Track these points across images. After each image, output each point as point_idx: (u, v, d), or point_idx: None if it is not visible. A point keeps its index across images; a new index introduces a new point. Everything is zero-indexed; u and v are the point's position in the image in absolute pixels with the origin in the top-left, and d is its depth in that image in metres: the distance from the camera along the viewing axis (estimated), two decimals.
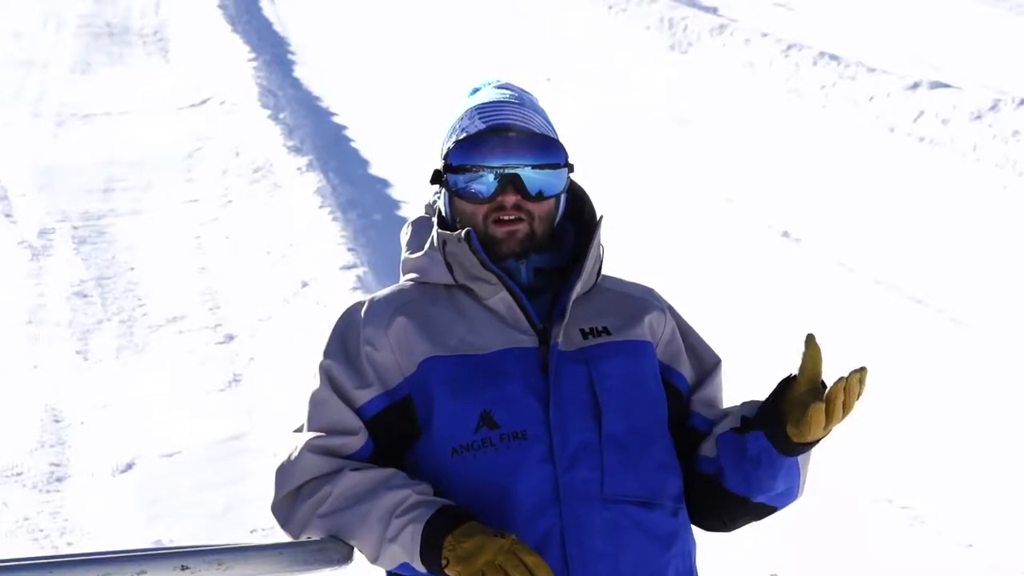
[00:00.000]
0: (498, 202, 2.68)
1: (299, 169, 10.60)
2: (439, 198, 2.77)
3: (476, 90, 2.83)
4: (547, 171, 2.69)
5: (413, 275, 2.75)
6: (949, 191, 9.96)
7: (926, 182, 10.19)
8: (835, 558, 5.27)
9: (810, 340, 2.62)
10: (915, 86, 11.88)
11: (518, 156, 2.67)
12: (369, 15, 17.50)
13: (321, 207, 9.55)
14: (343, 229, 9.01)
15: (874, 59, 13.22)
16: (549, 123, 2.78)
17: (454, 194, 2.70)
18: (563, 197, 2.75)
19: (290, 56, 15.83)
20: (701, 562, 2.72)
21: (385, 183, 10.63)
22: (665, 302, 2.81)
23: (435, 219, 2.75)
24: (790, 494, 2.70)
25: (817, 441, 2.59)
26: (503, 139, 2.68)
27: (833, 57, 13.13)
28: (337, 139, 12.13)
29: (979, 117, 10.99)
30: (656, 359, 2.72)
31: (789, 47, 13.69)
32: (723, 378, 2.80)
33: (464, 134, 2.71)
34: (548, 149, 2.70)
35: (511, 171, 2.67)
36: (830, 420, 2.55)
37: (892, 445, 6.14)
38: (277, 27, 17.48)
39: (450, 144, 2.72)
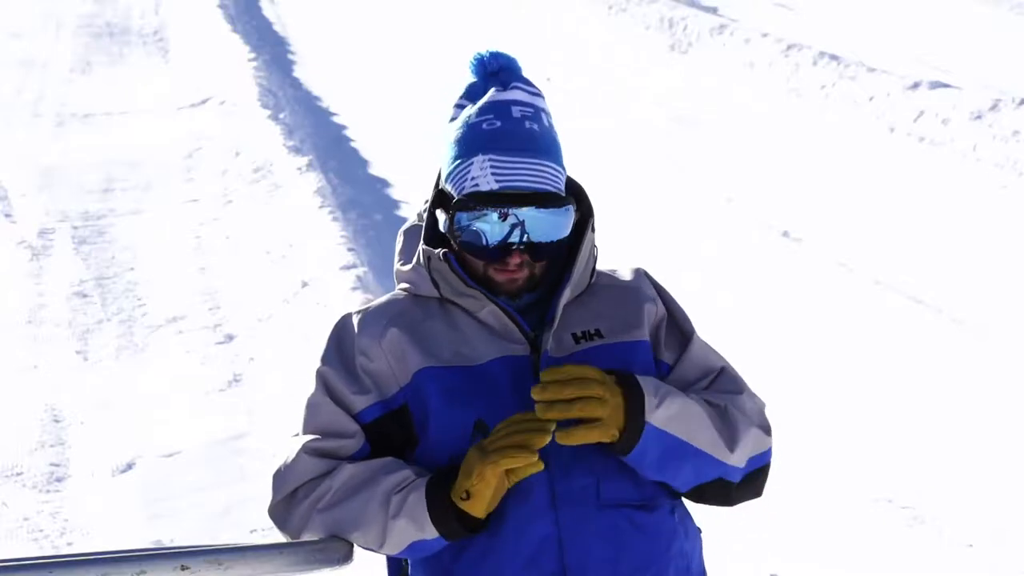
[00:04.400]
0: (501, 260, 2.63)
1: (299, 169, 10.60)
2: (441, 217, 2.69)
3: (481, 63, 2.71)
4: (551, 211, 2.61)
5: (406, 285, 2.74)
6: (949, 191, 9.96)
7: (926, 182, 10.19)
8: (835, 558, 5.27)
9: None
10: (915, 86, 11.88)
11: (527, 220, 2.60)
12: (369, 15, 17.50)
13: (321, 207, 9.55)
14: (343, 229, 9.01)
15: (874, 59, 13.22)
16: (558, 146, 2.69)
17: (456, 238, 2.64)
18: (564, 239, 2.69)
19: (290, 56, 15.83)
20: None
21: (385, 183, 10.63)
22: (653, 285, 2.77)
23: (422, 232, 2.72)
24: (706, 470, 2.58)
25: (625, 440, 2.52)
26: (513, 199, 2.59)
27: (833, 57, 13.13)
28: (337, 139, 12.13)
29: (979, 117, 10.99)
30: (651, 357, 2.69)
31: (789, 47, 13.69)
32: (702, 343, 2.73)
33: (475, 188, 2.62)
34: (558, 212, 2.62)
35: (515, 220, 2.59)
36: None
37: (892, 445, 6.14)
38: (277, 27, 17.48)
39: (458, 191, 2.63)
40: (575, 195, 2.73)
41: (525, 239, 2.61)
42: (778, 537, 5.35)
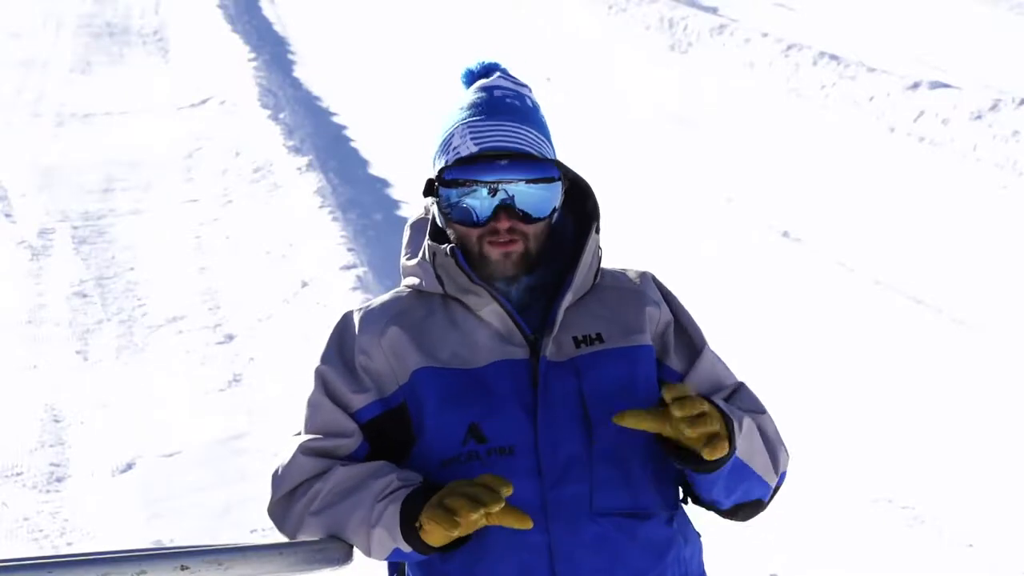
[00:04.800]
0: (491, 227, 2.63)
1: (299, 169, 10.60)
2: (434, 206, 2.73)
3: (470, 72, 2.77)
4: (540, 187, 2.64)
5: (411, 280, 2.74)
6: (949, 191, 9.96)
7: (926, 182, 10.19)
8: (835, 558, 5.27)
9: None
10: (915, 86, 11.87)
11: (509, 181, 2.62)
12: (369, 15, 17.50)
13: (321, 207, 9.55)
14: (343, 229, 9.01)
15: (874, 59, 13.22)
16: (545, 130, 2.72)
17: (447, 216, 2.67)
18: (556, 210, 2.70)
19: (290, 56, 15.83)
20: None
21: (385, 183, 10.63)
22: (659, 289, 2.76)
23: (428, 227, 2.73)
24: (753, 491, 2.63)
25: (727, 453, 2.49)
26: (494, 165, 2.62)
27: (833, 57, 13.13)
28: (337, 139, 12.13)
29: (979, 117, 10.99)
30: (653, 362, 2.67)
31: (789, 47, 13.68)
32: (714, 357, 2.73)
33: (456, 155, 2.65)
34: (540, 171, 2.64)
35: (504, 195, 2.62)
36: (702, 426, 2.43)
37: (892, 445, 6.14)
38: (277, 27, 17.48)
39: (442, 164, 2.68)
40: (582, 193, 2.74)
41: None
42: (778, 537, 5.35)
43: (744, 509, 2.67)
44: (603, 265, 2.76)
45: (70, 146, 12.06)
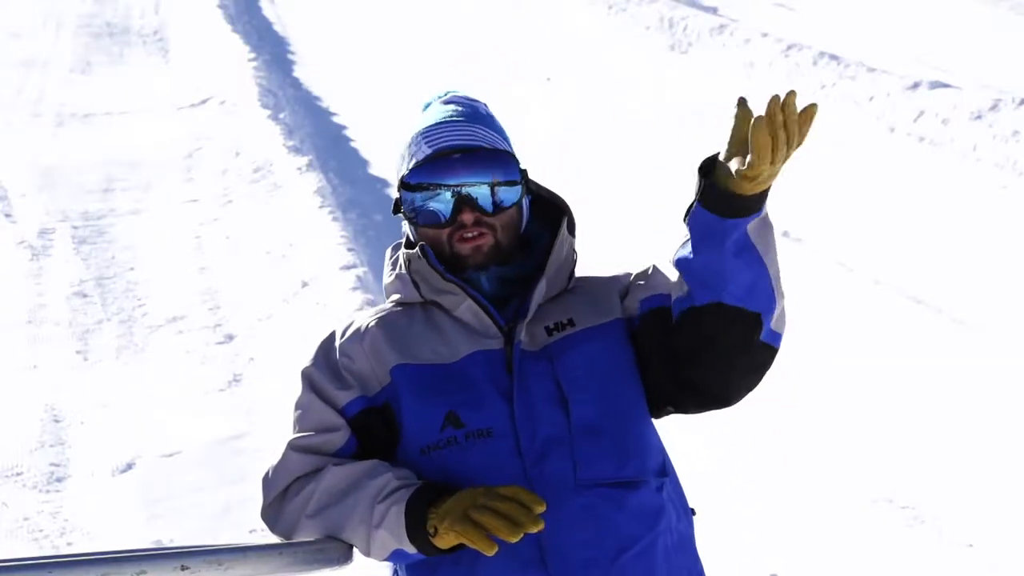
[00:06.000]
0: (458, 222, 2.71)
1: (299, 169, 10.61)
2: (405, 225, 2.82)
3: (428, 105, 2.87)
4: (502, 187, 2.72)
5: (393, 296, 2.81)
6: (949, 191, 9.96)
7: (926, 182, 10.19)
8: (835, 558, 5.27)
9: (742, 103, 2.50)
10: (915, 86, 11.87)
11: (467, 175, 2.71)
12: (369, 15, 17.50)
13: (321, 207, 9.55)
14: (343, 229, 9.01)
15: (874, 59, 13.22)
16: (499, 132, 2.79)
17: (412, 221, 2.75)
18: (525, 202, 2.77)
19: (290, 56, 15.83)
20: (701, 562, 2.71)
21: (385, 183, 10.63)
22: (631, 273, 2.82)
23: (403, 241, 2.83)
24: (759, 288, 2.55)
25: (758, 197, 2.50)
26: (449, 161, 2.71)
27: (833, 57, 13.13)
28: (337, 139, 12.14)
29: (979, 117, 10.98)
30: (625, 335, 2.71)
31: (789, 47, 13.69)
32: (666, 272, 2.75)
33: (413, 161, 2.75)
34: (496, 163, 2.72)
35: (464, 190, 2.70)
36: (775, 145, 2.41)
37: (892, 445, 6.14)
38: (277, 27, 17.48)
39: (403, 172, 2.76)
40: (549, 204, 2.81)
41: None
42: (778, 537, 5.35)
43: (740, 321, 2.56)
44: (593, 274, 2.82)
45: (70, 146, 12.06)
